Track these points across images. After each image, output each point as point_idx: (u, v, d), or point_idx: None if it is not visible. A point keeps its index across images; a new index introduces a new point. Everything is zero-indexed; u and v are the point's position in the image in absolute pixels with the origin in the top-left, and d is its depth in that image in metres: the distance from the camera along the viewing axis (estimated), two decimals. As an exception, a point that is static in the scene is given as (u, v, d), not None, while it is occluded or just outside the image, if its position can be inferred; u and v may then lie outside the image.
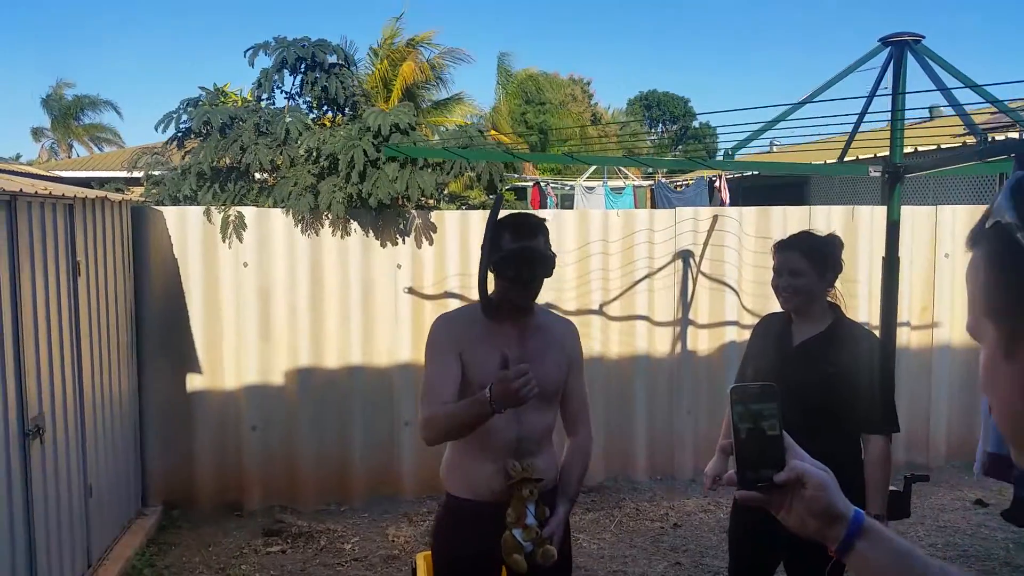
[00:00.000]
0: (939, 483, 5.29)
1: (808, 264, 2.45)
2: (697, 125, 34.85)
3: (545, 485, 2.19)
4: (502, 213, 2.28)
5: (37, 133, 26.35)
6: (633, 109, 34.40)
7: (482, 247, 2.19)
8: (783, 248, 2.54)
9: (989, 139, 3.11)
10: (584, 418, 2.35)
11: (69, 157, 23.72)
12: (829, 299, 2.55)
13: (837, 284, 2.57)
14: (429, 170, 5.26)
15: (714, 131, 33.73)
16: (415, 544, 4.36)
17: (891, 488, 2.58)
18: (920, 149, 7.32)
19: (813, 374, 2.46)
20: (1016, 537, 4.38)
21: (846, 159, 4.27)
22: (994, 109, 3.63)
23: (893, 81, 3.33)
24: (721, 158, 4.29)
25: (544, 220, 2.26)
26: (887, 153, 3.55)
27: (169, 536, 4.59)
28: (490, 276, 2.21)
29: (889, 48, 3.35)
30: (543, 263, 2.17)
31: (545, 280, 2.22)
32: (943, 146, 7.33)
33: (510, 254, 2.13)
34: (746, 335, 5.64)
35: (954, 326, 5.80)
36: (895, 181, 3.32)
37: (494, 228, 2.19)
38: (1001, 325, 0.61)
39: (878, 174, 3.47)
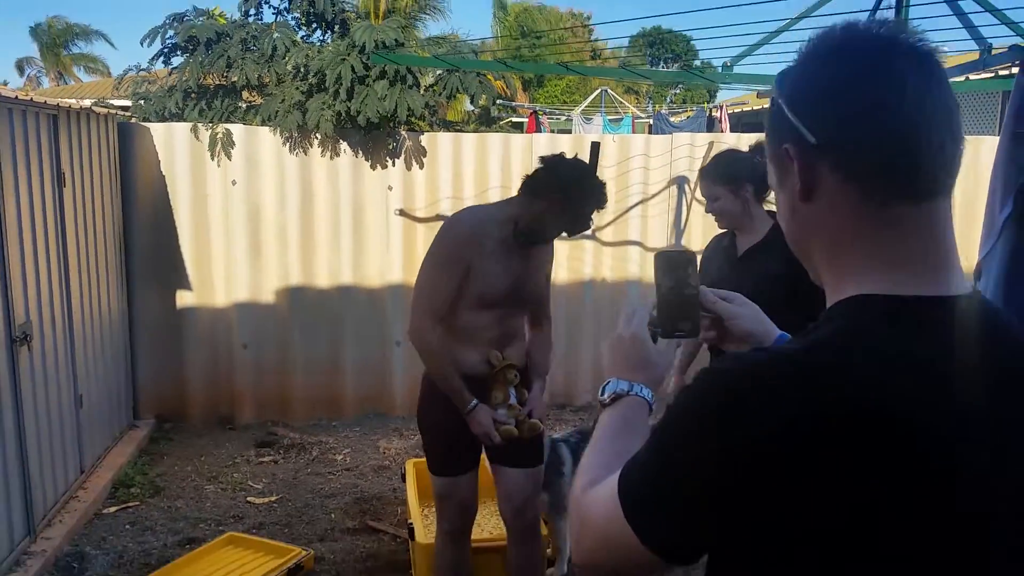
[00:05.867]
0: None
1: (721, 187, 2.59)
2: (699, 64, 34.23)
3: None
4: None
5: (22, 65, 25.72)
6: (635, 46, 33.65)
7: (562, 189, 2.32)
8: (700, 177, 2.73)
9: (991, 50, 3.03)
10: (547, 312, 2.68)
11: (58, 86, 23.26)
12: (767, 208, 2.65)
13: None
14: (420, 90, 5.16)
15: (716, 69, 33.10)
16: (406, 456, 4.42)
17: None
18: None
19: (756, 278, 2.57)
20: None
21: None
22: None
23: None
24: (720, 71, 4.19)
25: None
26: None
27: (161, 447, 4.66)
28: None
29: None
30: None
31: None
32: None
33: (586, 221, 2.42)
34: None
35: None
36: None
37: (588, 189, 2.37)
38: (773, 165, 0.82)
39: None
